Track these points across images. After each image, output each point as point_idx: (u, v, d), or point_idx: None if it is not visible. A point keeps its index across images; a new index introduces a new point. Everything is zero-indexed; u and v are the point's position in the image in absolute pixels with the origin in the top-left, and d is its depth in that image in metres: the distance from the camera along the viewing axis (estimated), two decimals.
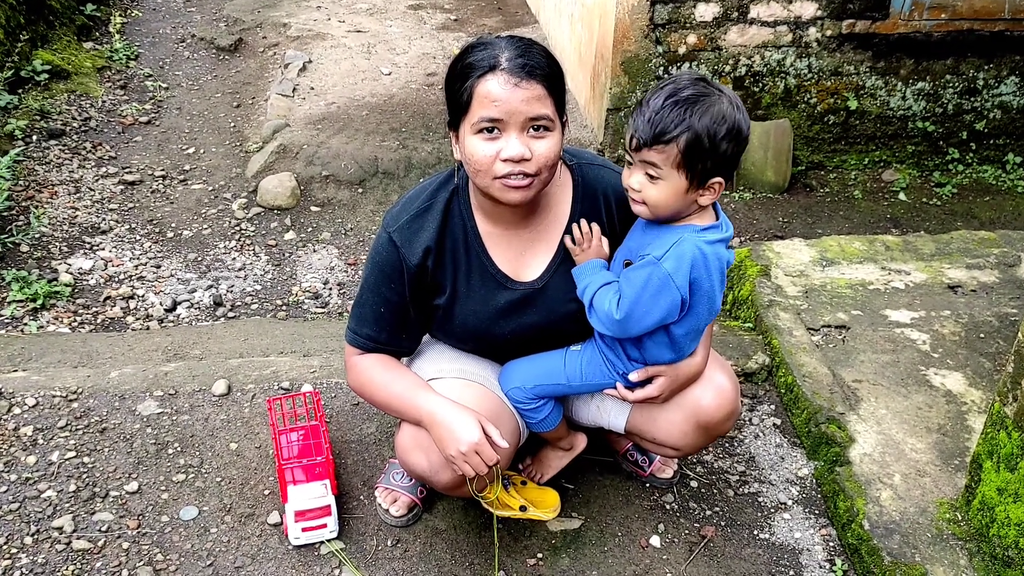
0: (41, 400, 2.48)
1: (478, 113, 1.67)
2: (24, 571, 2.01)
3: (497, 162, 1.69)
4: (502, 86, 1.65)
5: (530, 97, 1.66)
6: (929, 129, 4.51)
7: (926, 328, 2.85)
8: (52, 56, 4.83)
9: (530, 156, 1.69)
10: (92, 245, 3.64)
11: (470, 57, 1.70)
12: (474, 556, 2.14)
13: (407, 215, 1.87)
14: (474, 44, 1.73)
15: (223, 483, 2.28)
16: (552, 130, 1.72)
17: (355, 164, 4.20)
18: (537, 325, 1.94)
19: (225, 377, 2.60)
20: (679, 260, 1.70)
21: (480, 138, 1.69)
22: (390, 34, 5.72)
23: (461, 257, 1.89)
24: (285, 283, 3.59)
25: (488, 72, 1.66)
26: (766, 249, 3.25)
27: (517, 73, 1.66)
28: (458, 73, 1.71)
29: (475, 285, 1.90)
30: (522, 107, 1.66)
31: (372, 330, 1.93)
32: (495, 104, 1.66)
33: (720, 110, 1.64)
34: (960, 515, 2.16)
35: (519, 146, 1.68)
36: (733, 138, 1.66)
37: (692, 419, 1.97)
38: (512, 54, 1.67)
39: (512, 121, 1.67)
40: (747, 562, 2.19)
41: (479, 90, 1.66)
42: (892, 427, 2.45)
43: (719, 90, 1.67)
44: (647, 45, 4.14)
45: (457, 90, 1.70)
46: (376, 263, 1.90)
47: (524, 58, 1.67)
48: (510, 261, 1.91)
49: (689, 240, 1.71)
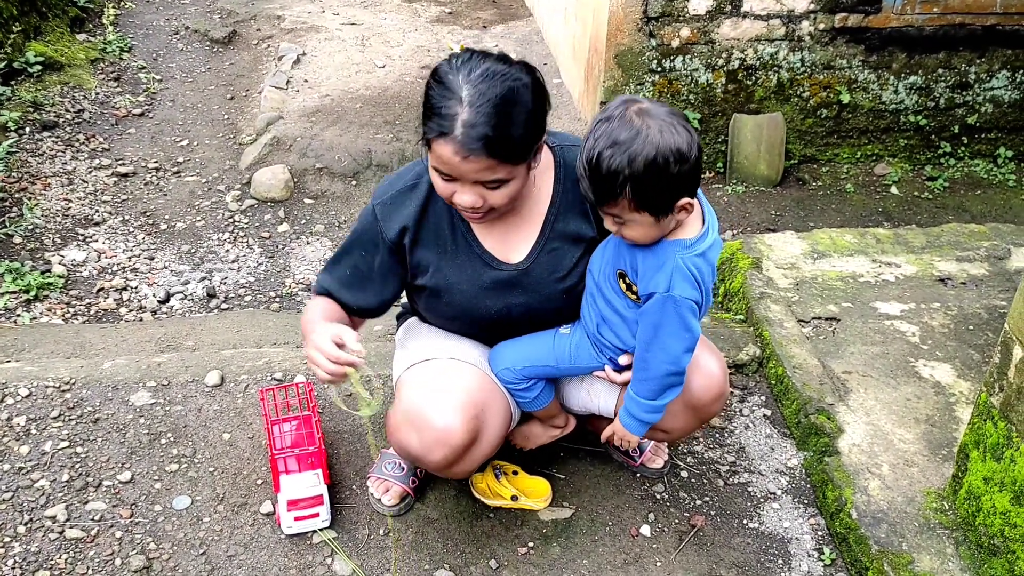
0: (34, 390, 2.48)
1: (435, 162, 1.71)
2: (18, 560, 2.02)
3: (454, 197, 1.75)
4: (451, 156, 1.64)
5: (479, 169, 1.67)
6: (921, 123, 4.53)
7: (916, 320, 2.87)
8: (45, 48, 4.82)
9: (482, 204, 1.74)
10: (85, 237, 3.64)
11: (436, 98, 1.65)
12: (465, 545, 2.15)
13: (393, 191, 1.92)
14: (443, 80, 1.66)
15: (216, 473, 2.29)
16: (508, 183, 1.73)
17: (349, 157, 4.20)
18: (524, 304, 1.97)
19: (218, 368, 2.61)
20: (684, 279, 1.73)
21: (438, 176, 1.74)
22: (384, 27, 5.72)
23: (446, 236, 1.92)
24: (279, 275, 3.59)
25: (440, 136, 1.64)
26: (758, 242, 3.27)
27: (467, 146, 1.62)
28: (426, 107, 1.68)
29: (462, 263, 1.94)
30: (471, 175, 1.69)
31: (334, 287, 1.99)
32: (446, 165, 1.68)
33: (651, 143, 1.58)
34: (947, 504, 2.18)
35: (472, 198, 1.73)
36: (677, 162, 1.60)
37: (681, 401, 1.99)
38: (468, 117, 1.61)
39: (463, 180, 1.70)
40: (736, 551, 2.21)
41: (434, 147, 1.67)
42: (881, 418, 2.47)
43: (647, 115, 1.60)
44: (640, 38, 4.15)
45: (423, 126, 1.70)
46: (356, 230, 1.97)
47: (474, 127, 1.61)
48: (495, 242, 1.93)
49: (682, 260, 1.73)
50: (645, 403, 1.86)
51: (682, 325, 1.76)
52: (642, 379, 1.85)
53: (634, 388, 1.88)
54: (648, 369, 1.82)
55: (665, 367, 1.80)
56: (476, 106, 1.62)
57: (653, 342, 1.78)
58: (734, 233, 4.02)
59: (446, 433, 1.83)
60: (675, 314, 1.74)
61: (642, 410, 1.88)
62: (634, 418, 1.89)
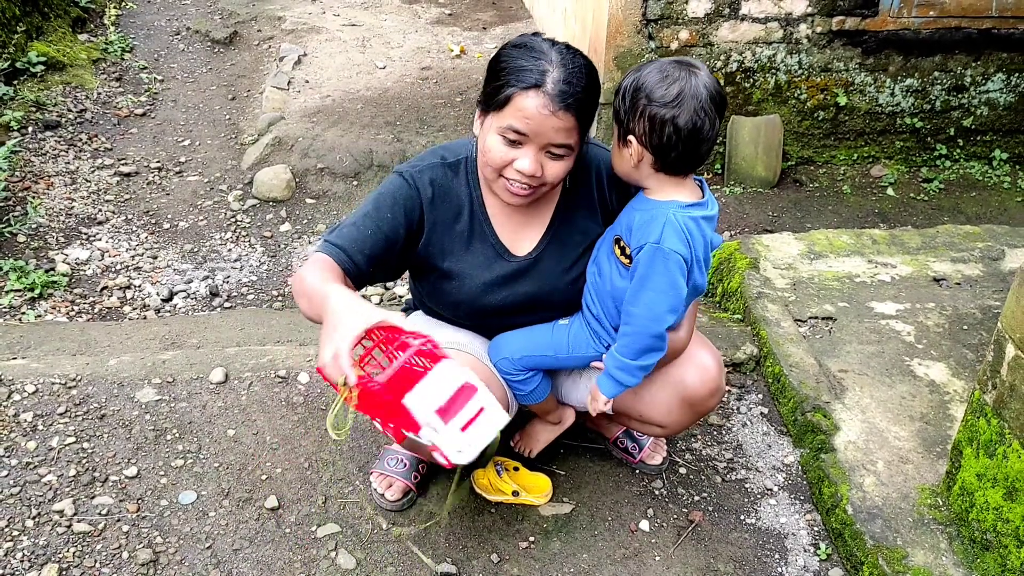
0: (40, 387, 2.51)
1: (508, 120, 1.73)
2: (26, 553, 2.05)
3: (509, 168, 1.77)
4: (539, 109, 1.70)
5: (561, 127, 1.73)
6: (917, 125, 4.57)
7: (911, 320, 2.90)
8: (47, 48, 4.85)
9: (541, 174, 1.78)
10: (89, 236, 3.67)
11: (519, 60, 1.73)
12: (467, 540, 2.19)
13: (424, 163, 1.95)
14: (526, 44, 1.75)
15: (221, 468, 2.32)
16: (569, 156, 1.80)
17: (350, 157, 4.24)
18: (528, 294, 2.01)
19: (222, 365, 2.64)
20: (675, 234, 1.78)
21: (501, 141, 1.76)
22: (385, 28, 5.75)
23: (464, 222, 1.96)
24: (280, 274, 3.62)
25: (531, 88, 1.70)
26: (755, 242, 3.30)
27: (557, 101, 1.70)
28: (502, 70, 1.74)
29: (475, 251, 1.97)
30: (550, 133, 1.73)
31: (351, 247, 1.85)
32: (527, 121, 1.72)
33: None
34: (941, 500, 2.22)
35: (533, 164, 1.76)
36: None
37: (677, 396, 2.03)
38: (559, 75, 1.71)
39: (536, 140, 1.74)
40: (734, 546, 2.25)
41: (516, 101, 1.71)
42: (876, 416, 2.50)
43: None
44: (640, 40, 4.19)
45: (497, 87, 1.74)
46: (381, 193, 1.91)
47: (569, 84, 1.71)
48: (508, 233, 1.98)
49: (674, 215, 1.79)
50: (623, 361, 1.88)
51: (668, 280, 1.79)
52: (624, 333, 1.88)
53: (616, 345, 1.91)
54: (630, 323, 1.85)
55: (646, 323, 1.83)
56: (568, 67, 1.72)
57: (638, 295, 1.82)
58: (732, 234, 4.05)
59: None
60: (663, 266, 1.78)
61: (618, 367, 1.89)
62: (610, 376, 1.91)
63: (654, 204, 1.83)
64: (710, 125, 1.73)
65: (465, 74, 5.15)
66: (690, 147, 1.75)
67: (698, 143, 1.74)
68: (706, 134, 1.74)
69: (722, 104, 1.75)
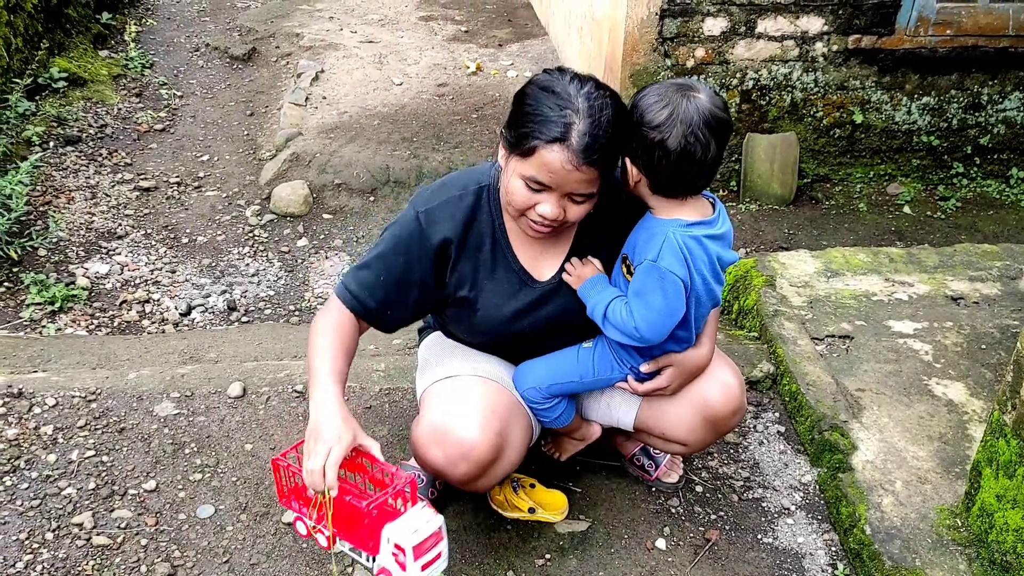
0: (61, 400, 2.54)
1: (531, 171, 1.72)
2: (46, 566, 2.06)
3: (531, 210, 1.77)
4: (562, 164, 1.68)
5: (584, 179, 1.72)
6: (934, 143, 4.56)
7: (928, 339, 2.89)
8: (69, 64, 4.91)
9: (563, 217, 1.78)
10: (108, 250, 3.70)
11: (546, 106, 1.69)
12: (484, 556, 2.19)
13: (438, 200, 1.93)
14: (554, 89, 1.71)
15: (239, 483, 2.33)
16: (592, 199, 1.79)
17: (367, 173, 4.27)
18: (552, 318, 2.01)
19: (240, 380, 2.65)
20: (672, 254, 1.78)
21: (524, 186, 1.75)
22: (401, 45, 5.80)
23: (487, 251, 1.96)
24: (298, 289, 3.65)
25: (555, 142, 1.67)
26: (771, 260, 3.30)
27: (580, 157, 1.67)
28: (528, 118, 1.71)
29: (499, 278, 1.97)
30: (573, 185, 1.73)
31: (363, 293, 1.95)
32: (550, 175, 1.71)
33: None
34: (960, 521, 2.20)
35: (556, 209, 1.76)
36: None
37: (700, 414, 2.03)
38: (584, 127, 1.67)
39: (559, 190, 1.74)
40: (751, 565, 2.24)
41: (541, 154, 1.69)
42: (894, 435, 2.49)
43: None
44: (656, 58, 4.21)
45: (522, 134, 1.71)
46: (395, 234, 1.94)
47: (595, 138, 1.67)
48: (531, 259, 1.98)
49: (674, 235, 1.79)
50: (596, 308, 1.89)
51: (661, 298, 1.78)
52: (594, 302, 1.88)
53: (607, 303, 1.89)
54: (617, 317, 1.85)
55: (620, 320, 1.83)
56: (595, 118, 1.68)
57: (629, 305, 1.83)
58: (747, 251, 4.05)
59: (470, 449, 1.87)
60: (657, 284, 1.78)
61: (591, 303, 1.90)
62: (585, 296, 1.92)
63: (657, 223, 1.83)
64: (702, 150, 1.70)
65: (481, 91, 5.18)
66: (682, 170, 1.73)
67: (690, 167, 1.72)
68: (698, 158, 1.71)
69: (720, 127, 1.72)
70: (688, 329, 1.94)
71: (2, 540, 2.11)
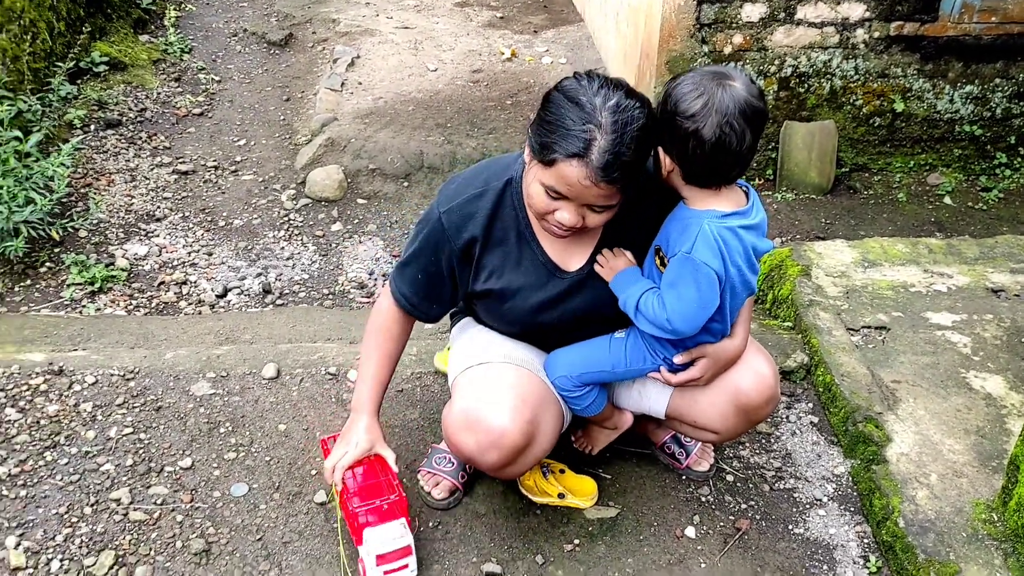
0: (100, 378, 2.58)
1: (551, 181, 1.71)
2: (84, 539, 2.11)
3: (550, 215, 1.77)
4: (580, 180, 1.66)
5: (602, 195, 1.71)
6: (976, 133, 4.47)
7: (967, 331, 2.85)
8: (110, 48, 4.97)
9: (582, 224, 1.77)
10: (147, 232, 3.75)
11: (569, 118, 1.66)
12: (512, 540, 2.20)
13: (460, 198, 1.94)
14: (578, 100, 1.67)
15: (272, 462, 2.36)
16: (613, 209, 1.78)
17: (401, 158, 4.28)
18: (582, 309, 2.01)
19: (274, 361, 2.68)
20: (707, 246, 1.76)
21: (544, 192, 1.75)
22: (437, 31, 5.79)
23: (512, 245, 1.96)
24: (332, 273, 3.68)
25: (575, 157, 1.65)
26: (807, 249, 3.26)
27: (600, 174, 1.65)
28: (552, 124, 1.68)
29: (526, 270, 1.97)
30: (591, 199, 1.72)
31: (408, 290, 2.07)
32: (569, 188, 1.70)
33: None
34: (996, 516, 2.17)
35: (574, 217, 1.76)
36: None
37: (732, 402, 2.01)
38: (606, 144, 1.64)
39: (577, 201, 1.73)
40: (781, 555, 2.23)
41: (560, 167, 1.67)
42: (930, 428, 2.46)
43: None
44: (693, 45, 4.16)
45: (544, 144, 1.70)
46: (423, 234, 2.00)
47: (616, 155, 1.64)
48: (558, 251, 1.97)
49: (709, 226, 1.77)
50: (629, 299, 1.88)
51: (695, 290, 1.77)
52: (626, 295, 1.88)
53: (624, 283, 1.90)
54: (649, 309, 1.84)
55: (652, 312, 1.82)
56: (617, 135, 1.65)
57: (662, 296, 1.83)
58: (783, 240, 4.01)
59: (501, 435, 1.88)
60: (691, 276, 1.77)
61: (623, 296, 1.90)
62: (616, 288, 1.92)
63: (691, 214, 1.81)
64: (737, 140, 1.67)
65: (516, 77, 5.17)
66: (717, 160, 1.70)
67: (725, 157, 1.70)
68: (733, 148, 1.68)
69: (756, 117, 1.69)
70: (723, 320, 1.92)
71: (43, 513, 2.16)
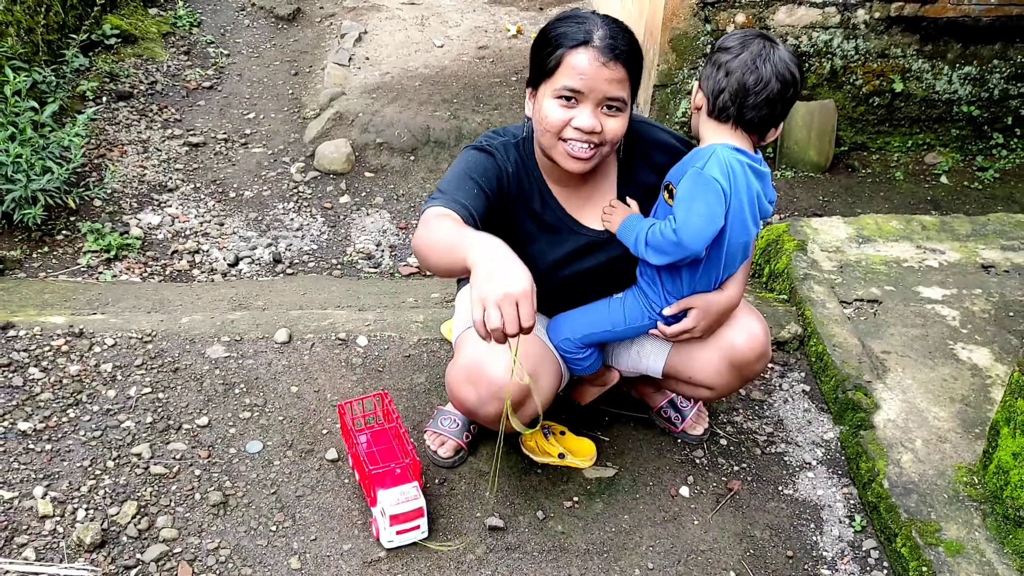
0: (119, 340, 2.68)
1: (562, 81, 1.83)
2: (108, 490, 2.22)
3: (567, 128, 1.86)
4: (590, 62, 1.80)
5: (613, 78, 1.82)
6: (974, 113, 4.54)
7: (957, 305, 2.94)
8: (120, 21, 5.03)
9: (600, 130, 1.86)
10: (160, 202, 3.84)
11: (564, 27, 1.84)
12: (515, 497, 2.31)
13: (496, 141, 2.04)
14: (569, 15, 1.87)
15: (285, 422, 2.46)
16: (623, 111, 1.88)
17: (408, 132, 4.35)
18: (599, 265, 2.12)
19: (286, 326, 2.78)
20: (718, 165, 1.88)
21: (557, 103, 1.85)
22: (443, 7, 5.84)
23: (535, 200, 2.06)
24: (340, 244, 3.77)
25: (580, 45, 1.81)
26: (804, 225, 3.35)
27: (606, 53, 1.81)
28: (550, 39, 1.85)
29: (548, 226, 2.07)
30: (603, 86, 1.82)
31: (464, 199, 1.88)
32: (580, 77, 1.81)
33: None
34: (976, 478, 2.27)
35: (591, 119, 1.84)
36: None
37: (726, 359, 2.12)
38: (604, 33, 1.82)
39: (591, 96, 1.83)
40: (771, 514, 2.33)
41: (568, 60, 1.82)
42: (917, 396, 2.56)
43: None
44: (696, 23, 4.23)
45: (545, 55, 1.85)
46: (467, 160, 1.97)
47: (615, 40, 1.82)
48: (575, 208, 2.08)
49: (722, 151, 1.89)
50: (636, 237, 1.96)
51: (704, 202, 1.86)
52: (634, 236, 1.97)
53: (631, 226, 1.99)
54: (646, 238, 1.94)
55: (659, 237, 1.90)
56: (611, 27, 1.85)
57: (675, 213, 1.90)
58: (781, 217, 4.09)
59: (501, 388, 1.98)
60: (701, 189, 1.86)
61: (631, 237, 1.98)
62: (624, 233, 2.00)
63: (705, 147, 1.94)
64: (762, 83, 1.82)
65: (521, 54, 5.23)
66: (739, 94, 1.85)
67: (746, 91, 1.84)
68: (758, 91, 1.83)
69: (786, 73, 1.84)
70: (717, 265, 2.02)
71: (67, 466, 2.27)
